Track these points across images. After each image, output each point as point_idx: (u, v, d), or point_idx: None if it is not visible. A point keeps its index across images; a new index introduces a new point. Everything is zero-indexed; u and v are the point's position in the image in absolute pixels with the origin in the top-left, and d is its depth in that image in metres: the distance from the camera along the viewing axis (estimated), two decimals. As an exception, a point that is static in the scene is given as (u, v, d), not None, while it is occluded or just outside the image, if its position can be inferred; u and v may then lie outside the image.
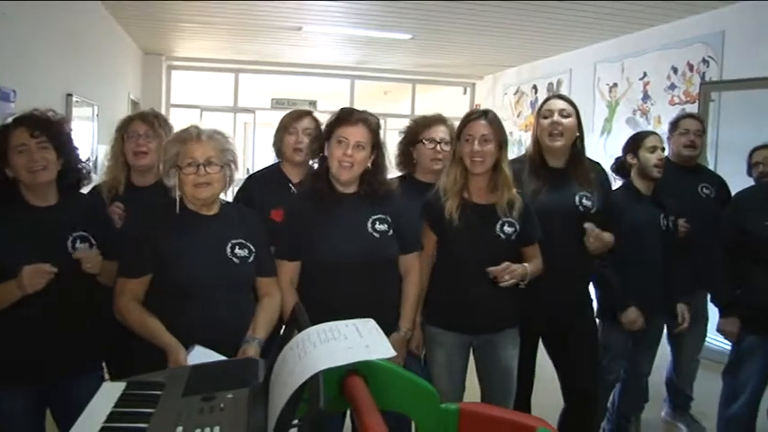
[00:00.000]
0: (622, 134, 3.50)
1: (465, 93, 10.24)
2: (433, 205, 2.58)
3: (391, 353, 1.22)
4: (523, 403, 2.95)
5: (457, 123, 2.71)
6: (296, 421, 1.16)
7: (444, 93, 10.56)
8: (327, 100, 8.94)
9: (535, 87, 8.35)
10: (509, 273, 2.46)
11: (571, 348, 2.90)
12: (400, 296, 2.51)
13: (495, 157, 2.54)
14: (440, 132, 2.92)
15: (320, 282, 2.38)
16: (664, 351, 3.86)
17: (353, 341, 1.19)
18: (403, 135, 3.03)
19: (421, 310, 2.61)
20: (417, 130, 2.97)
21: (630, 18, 5.99)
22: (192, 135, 2.18)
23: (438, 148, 2.89)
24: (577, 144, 2.85)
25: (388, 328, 2.43)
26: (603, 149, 6.60)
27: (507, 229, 2.55)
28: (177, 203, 2.19)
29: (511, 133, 8.76)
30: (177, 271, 2.14)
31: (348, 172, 2.37)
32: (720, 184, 3.73)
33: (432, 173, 2.90)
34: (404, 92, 10.35)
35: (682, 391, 3.87)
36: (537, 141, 2.84)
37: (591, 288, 3.16)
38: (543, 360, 3.06)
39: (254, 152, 9.76)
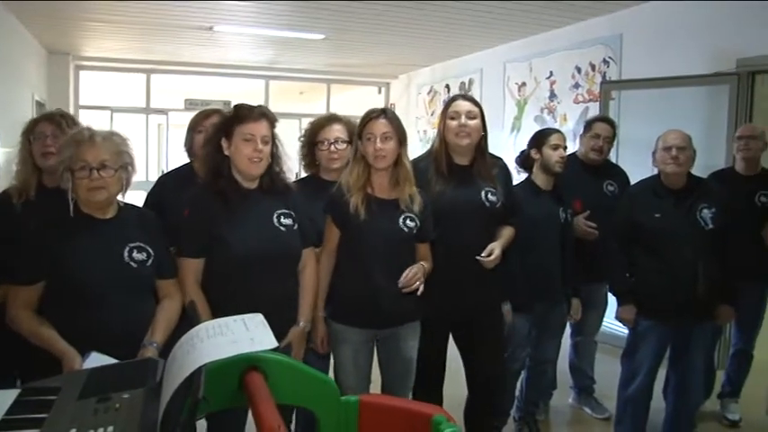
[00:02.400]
0: (531, 131, 3.64)
1: (380, 92, 10.33)
2: (337, 201, 2.61)
3: (273, 344, 1.25)
4: (436, 395, 3.00)
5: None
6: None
7: (359, 92, 10.62)
8: (242, 100, 8.71)
9: (448, 86, 8.50)
10: (416, 279, 2.55)
11: (478, 339, 2.97)
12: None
13: (396, 153, 2.60)
14: (334, 132, 2.95)
15: (232, 278, 2.38)
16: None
17: (239, 335, 1.21)
18: (302, 137, 3.06)
19: (324, 306, 2.65)
20: (313, 132, 3.00)
21: (537, 20, 6.19)
22: (84, 137, 2.13)
23: (332, 147, 2.93)
24: (482, 142, 2.93)
25: (291, 321, 2.48)
26: (513, 146, 6.79)
27: (409, 223, 2.62)
28: (71, 207, 2.14)
29: (425, 132, 8.91)
30: (71, 277, 2.09)
31: (259, 167, 2.38)
32: (624, 181, 3.92)
33: (333, 171, 2.94)
34: (319, 92, 10.36)
35: (584, 372, 4.05)
36: (443, 140, 2.90)
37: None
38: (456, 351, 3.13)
39: (168, 153, 9.55)
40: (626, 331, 3.40)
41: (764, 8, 4.50)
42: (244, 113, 2.40)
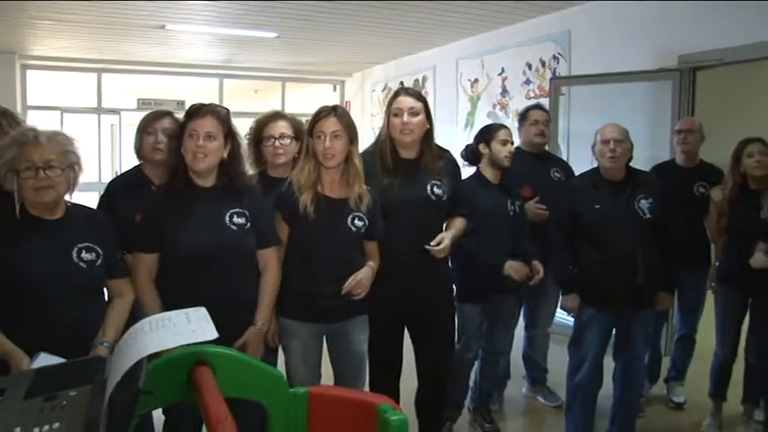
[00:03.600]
0: (484, 127, 3.81)
1: (335, 90, 10.34)
2: (287, 199, 2.64)
3: (214, 335, 1.28)
4: (392, 389, 3.02)
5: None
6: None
7: (314, 90, 10.62)
8: (196, 99, 8.57)
9: (402, 84, 8.52)
10: (360, 287, 2.60)
11: (429, 331, 3.03)
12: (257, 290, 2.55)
13: (346, 151, 2.63)
14: (279, 128, 2.99)
15: (182, 276, 2.39)
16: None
17: (182, 328, 1.24)
18: (248, 135, 3.08)
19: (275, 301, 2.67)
20: (258, 129, 3.04)
21: (489, 17, 6.28)
22: (29, 138, 2.12)
23: (277, 143, 2.97)
24: (428, 136, 2.97)
25: (246, 321, 2.49)
26: (467, 141, 6.82)
27: (357, 222, 2.66)
28: (17, 208, 2.13)
29: (380, 129, 8.94)
30: (19, 278, 2.09)
31: (202, 162, 2.39)
32: (568, 170, 4.04)
33: (280, 168, 2.97)
34: (274, 90, 10.31)
35: (537, 363, 4.15)
36: (389, 135, 2.93)
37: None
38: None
39: (122, 154, 9.42)
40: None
41: (705, 7, 4.67)
42: (191, 111, 2.44)
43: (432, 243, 2.81)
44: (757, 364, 3.47)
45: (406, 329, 3.04)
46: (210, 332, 1.26)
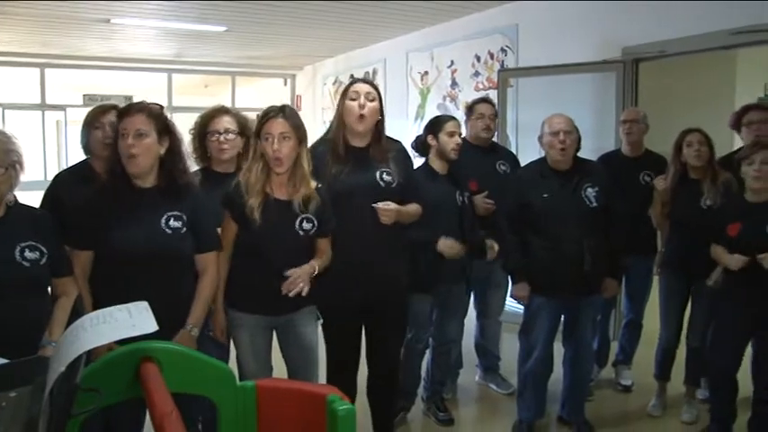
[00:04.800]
0: (435, 119, 3.87)
1: (285, 84, 10.29)
2: (234, 200, 2.62)
3: (154, 328, 1.28)
4: (349, 382, 3.02)
5: None
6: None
7: (265, 84, 10.55)
8: (144, 95, 8.51)
9: (353, 77, 8.49)
10: (301, 281, 2.58)
11: (381, 321, 3.05)
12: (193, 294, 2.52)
13: (295, 152, 2.61)
14: (223, 123, 2.98)
15: (114, 277, 2.36)
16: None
17: (122, 322, 1.24)
18: (192, 130, 3.06)
19: (223, 294, 2.66)
20: (203, 123, 3.02)
21: (438, 10, 6.32)
22: None
23: (222, 138, 2.95)
24: (379, 126, 2.99)
25: (179, 324, 2.46)
26: (418, 134, 6.90)
27: (306, 225, 2.64)
28: None
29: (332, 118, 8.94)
30: None
31: (135, 162, 2.35)
32: (514, 161, 4.10)
33: (224, 163, 2.96)
34: (224, 84, 10.22)
35: (490, 352, 4.21)
36: (342, 122, 2.94)
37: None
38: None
39: (68, 151, 9.22)
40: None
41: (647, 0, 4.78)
42: (121, 111, 2.41)
43: (380, 204, 2.83)
44: (698, 346, 3.58)
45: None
46: (150, 325, 1.26)
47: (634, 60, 4.92)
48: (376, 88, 2.99)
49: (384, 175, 2.92)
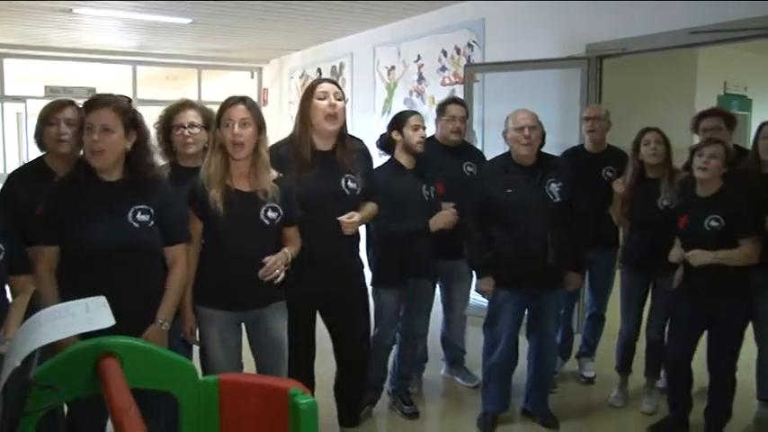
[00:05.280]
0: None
1: (252, 77, 10.21)
2: (197, 194, 2.60)
3: (111, 322, 1.26)
4: (306, 374, 3.06)
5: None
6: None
7: (231, 77, 10.47)
8: (108, 87, 8.39)
9: (319, 71, 8.53)
10: (277, 268, 2.58)
11: (344, 318, 3.07)
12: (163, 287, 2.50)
13: (255, 140, 2.61)
14: (188, 117, 2.96)
15: (81, 272, 2.33)
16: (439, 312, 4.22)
17: (79, 317, 1.22)
18: (158, 124, 3.02)
19: (192, 291, 2.64)
20: (168, 118, 3.00)
21: (405, 4, 6.32)
22: None
23: (186, 132, 2.93)
24: (343, 129, 2.99)
25: (148, 319, 2.44)
26: (384, 128, 6.92)
27: (271, 213, 2.63)
28: None
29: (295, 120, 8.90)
30: None
31: (99, 159, 2.32)
32: (482, 161, 4.11)
33: (190, 158, 2.93)
34: (190, 77, 10.09)
35: (455, 345, 4.25)
36: (308, 123, 2.92)
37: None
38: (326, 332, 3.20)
39: (28, 144, 9.02)
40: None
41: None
42: (87, 104, 2.36)
43: (344, 216, 2.85)
44: (657, 339, 3.66)
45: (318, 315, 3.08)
46: (108, 319, 1.25)
47: (598, 57, 4.98)
48: (341, 88, 3.00)
49: (349, 183, 2.94)
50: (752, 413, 3.68)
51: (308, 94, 2.94)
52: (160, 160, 2.90)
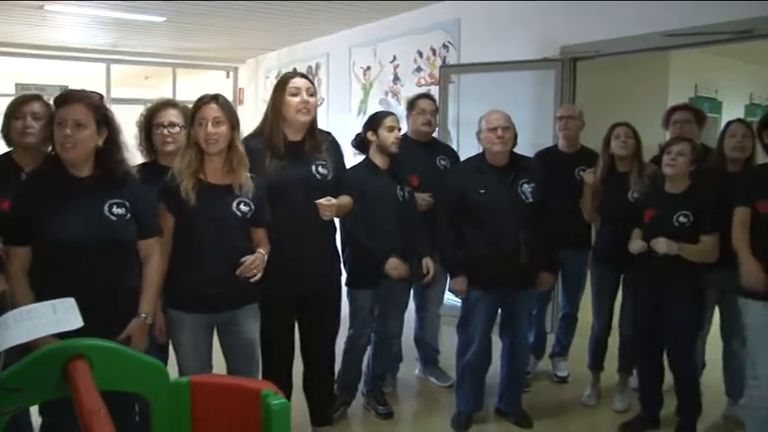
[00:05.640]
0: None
1: (228, 76, 10.14)
2: (169, 187, 2.60)
3: (79, 324, 1.25)
4: (284, 376, 3.06)
5: None
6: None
7: (207, 77, 10.39)
8: (80, 85, 8.22)
9: (295, 71, 8.46)
10: (254, 267, 2.61)
11: (316, 315, 3.07)
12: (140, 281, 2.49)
13: (229, 137, 2.62)
14: (169, 116, 2.95)
15: (58, 268, 2.30)
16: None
17: (47, 319, 1.21)
18: (138, 123, 3.02)
19: (162, 294, 2.62)
20: (149, 116, 2.99)
21: (381, 5, 6.32)
22: None
23: (167, 131, 2.92)
24: (314, 120, 3.01)
25: (129, 313, 2.43)
26: (360, 128, 6.92)
27: (243, 207, 2.65)
28: None
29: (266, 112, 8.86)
30: None
31: (70, 152, 2.29)
32: (454, 157, 4.15)
33: (170, 156, 2.91)
34: (165, 76, 10.00)
35: (429, 345, 4.26)
36: (280, 116, 2.93)
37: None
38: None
39: (-1, 142, 8.88)
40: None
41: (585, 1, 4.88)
42: (58, 99, 2.34)
43: (321, 200, 2.86)
44: (629, 336, 3.70)
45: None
46: (76, 321, 1.24)
47: (572, 59, 5.02)
48: (313, 83, 3.01)
49: (320, 168, 2.96)
50: (721, 410, 3.74)
51: (281, 88, 2.96)
52: (139, 157, 2.93)
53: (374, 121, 3.49)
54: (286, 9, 6.41)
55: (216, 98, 2.65)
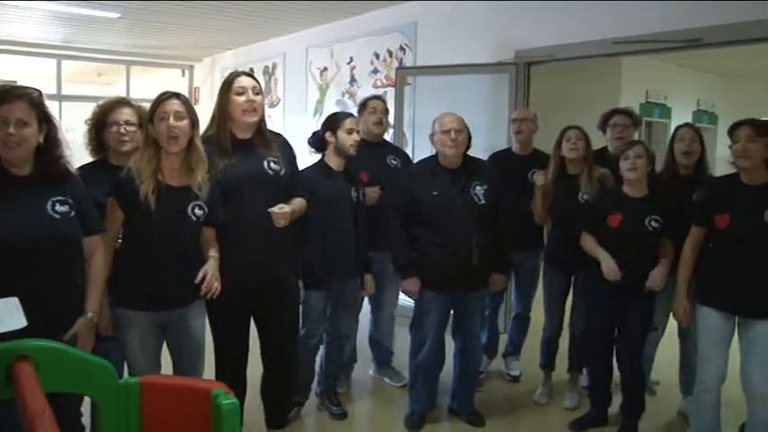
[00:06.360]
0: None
1: (183, 75, 10.05)
2: (125, 186, 2.54)
3: (23, 324, 1.24)
4: (239, 376, 3.03)
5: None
6: None
7: (162, 75, 10.26)
8: (31, 81, 8.09)
9: (252, 70, 8.41)
10: (216, 280, 2.61)
11: (272, 314, 3.05)
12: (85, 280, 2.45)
13: (189, 135, 2.60)
14: (123, 114, 2.90)
15: (1, 267, 2.22)
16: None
17: (-12, 320, 1.19)
18: (90, 120, 2.96)
19: (108, 291, 2.58)
20: (102, 114, 2.93)
21: (338, 6, 6.34)
22: None
23: (122, 129, 2.87)
24: (262, 120, 3.00)
25: (76, 312, 2.38)
26: (316, 129, 6.91)
27: (198, 211, 2.62)
28: None
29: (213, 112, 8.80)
30: None
31: (15, 151, 2.24)
32: (404, 158, 4.18)
33: (123, 156, 2.86)
34: (119, 74, 9.85)
35: (383, 345, 4.28)
36: (227, 116, 2.91)
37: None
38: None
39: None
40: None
41: (539, 6, 4.97)
42: (0, 95, 2.27)
43: (274, 208, 2.85)
44: (579, 335, 3.79)
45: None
46: (19, 321, 1.22)
47: (526, 63, 5.10)
48: (258, 81, 3.00)
49: (272, 164, 2.94)
50: (676, 407, 3.87)
51: (226, 89, 2.94)
52: (86, 155, 2.85)
53: (334, 122, 3.47)
54: (243, 8, 6.38)
55: (177, 95, 2.63)
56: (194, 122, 2.63)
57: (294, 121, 7.57)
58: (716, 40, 4.10)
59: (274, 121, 7.90)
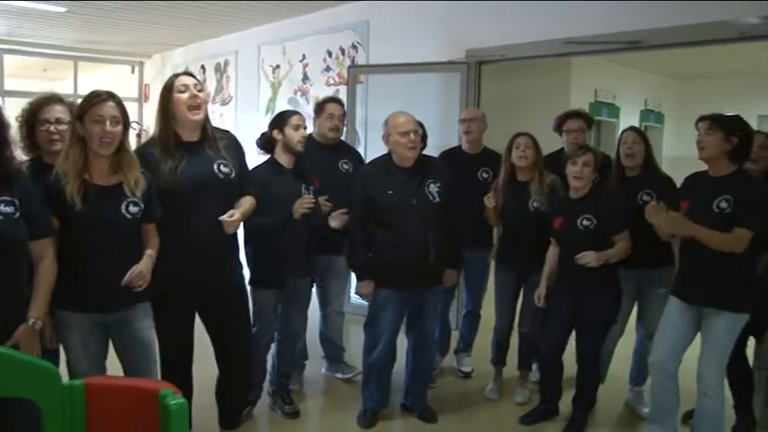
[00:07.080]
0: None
1: (133, 71, 9.88)
2: (52, 189, 2.46)
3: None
4: (184, 376, 3.00)
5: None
6: None
7: (111, 71, 10.06)
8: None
9: (203, 67, 8.36)
10: (141, 278, 2.52)
11: (223, 315, 3.03)
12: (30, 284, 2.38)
13: (120, 138, 2.54)
14: (55, 112, 2.82)
15: None
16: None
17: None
18: (20, 118, 2.85)
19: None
20: (33, 111, 2.84)
21: (290, 4, 6.32)
22: None
23: (53, 128, 2.80)
24: (207, 119, 2.96)
25: (20, 318, 2.31)
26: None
27: (132, 209, 2.55)
28: None
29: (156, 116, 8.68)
30: None
31: None
32: (359, 160, 4.19)
33: (55, 154, 2.77)
34: (66, 69, 9.61)
35: (334, 342, 4.29)
36: (171, 116, 2.86)
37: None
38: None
39: None
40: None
41: (490, 6, 5.05)
42: None
43: (224, 216, 2.82)
44: (528, 333, 3.87)
45: (197, 315, 3.03)
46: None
47: (477, 62, 5.16)
48: (199, 80, 2.97)
49: (222, 167, 2.90)
50: (623, 398, 3.99)
51: (168, 90, 2.89)
52: (23, 155, 2.75)
53: (280, 120, 3.48)
54: (194, 4, 6.32)
55: (112, 96, 2.54)
56: (126, 126, 2.56)
57: (246, 119, 7.51)
58: (656, 42, 4.24)
59: (226, 119, 7.84)
